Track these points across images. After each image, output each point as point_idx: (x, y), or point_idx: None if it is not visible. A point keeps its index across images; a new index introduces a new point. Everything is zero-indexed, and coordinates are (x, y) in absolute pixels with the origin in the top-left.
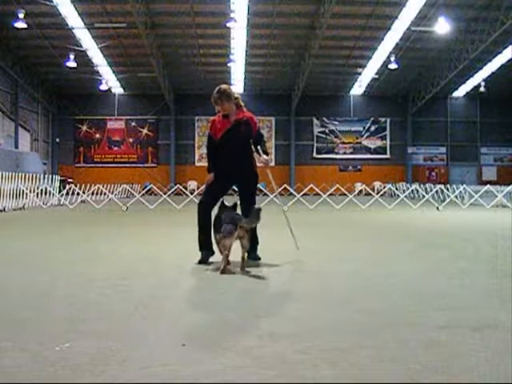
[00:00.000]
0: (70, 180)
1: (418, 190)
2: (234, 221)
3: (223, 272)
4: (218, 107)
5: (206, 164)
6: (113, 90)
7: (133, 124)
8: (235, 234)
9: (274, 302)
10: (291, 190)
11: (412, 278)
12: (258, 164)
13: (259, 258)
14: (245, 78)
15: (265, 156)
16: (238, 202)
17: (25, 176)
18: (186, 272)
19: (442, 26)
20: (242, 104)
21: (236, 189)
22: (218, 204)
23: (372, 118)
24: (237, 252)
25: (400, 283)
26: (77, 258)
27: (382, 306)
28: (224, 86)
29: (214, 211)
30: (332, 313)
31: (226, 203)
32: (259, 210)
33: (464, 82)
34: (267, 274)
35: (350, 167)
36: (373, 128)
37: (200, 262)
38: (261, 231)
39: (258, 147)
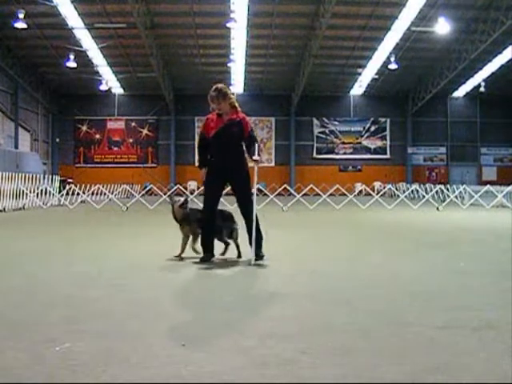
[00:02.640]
0: (69, 180)
1: (418, 191)
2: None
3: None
4: (214, 105)
5: None
6: (113, 90)
7: (133, 124)
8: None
9: (273, 302)
10: (291, 191)
11: (412, 278)
12: (249, 164)
13: (262, 256)
14: (245, 78)
15: (254, 157)
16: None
17: (25, 176)
18: (185, 272)
19: (442, 27)
20: (237, 104)
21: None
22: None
23: (372, 118)
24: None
25: (400, 283)
26: (76, 258)
27: (381, 306)
28: (221, 85)
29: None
30: (332, 313)
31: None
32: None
33: (464, 82)
34: (267, 274)
35: (350, 167)
36: (373, 128)
37: (202, 260)
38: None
39: (245, 148)
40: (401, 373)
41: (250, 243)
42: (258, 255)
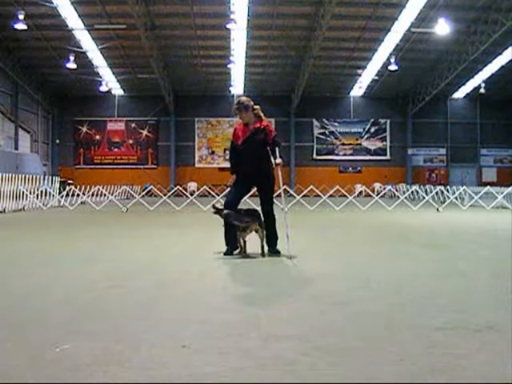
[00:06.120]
0: (69, 181)
1: (417, 192)
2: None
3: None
4: (238, 117)
5: (206, 165)
6: (113, 92)
7: (133, 125)
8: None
9: (274, 303)
10: (291, 192)
11: (411, 279)
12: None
13: (279, 252)
14: (245, 80)
15: (277, 160)
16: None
17: (25, 177)
18: (184, 273)
19: (442, 28)
20: (262, 114)
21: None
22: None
23: (372, 120)
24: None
25: (399, 284)
26: (77, 260)
27: (381, 307)
28: (243, 98)
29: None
30: (332, 314)
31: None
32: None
33: (464, 84)
34: (267, 275)
35: (350, 168)
36: (373, 129)
37: (225, 254)
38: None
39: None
40: (401, 373)
41: (267, 241)
42: (274, 251)
